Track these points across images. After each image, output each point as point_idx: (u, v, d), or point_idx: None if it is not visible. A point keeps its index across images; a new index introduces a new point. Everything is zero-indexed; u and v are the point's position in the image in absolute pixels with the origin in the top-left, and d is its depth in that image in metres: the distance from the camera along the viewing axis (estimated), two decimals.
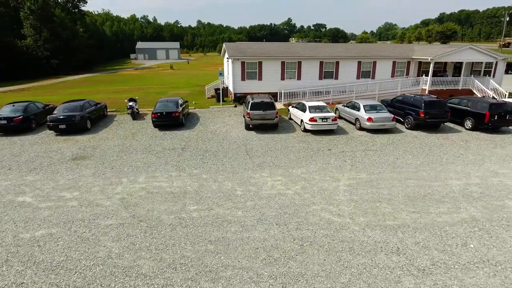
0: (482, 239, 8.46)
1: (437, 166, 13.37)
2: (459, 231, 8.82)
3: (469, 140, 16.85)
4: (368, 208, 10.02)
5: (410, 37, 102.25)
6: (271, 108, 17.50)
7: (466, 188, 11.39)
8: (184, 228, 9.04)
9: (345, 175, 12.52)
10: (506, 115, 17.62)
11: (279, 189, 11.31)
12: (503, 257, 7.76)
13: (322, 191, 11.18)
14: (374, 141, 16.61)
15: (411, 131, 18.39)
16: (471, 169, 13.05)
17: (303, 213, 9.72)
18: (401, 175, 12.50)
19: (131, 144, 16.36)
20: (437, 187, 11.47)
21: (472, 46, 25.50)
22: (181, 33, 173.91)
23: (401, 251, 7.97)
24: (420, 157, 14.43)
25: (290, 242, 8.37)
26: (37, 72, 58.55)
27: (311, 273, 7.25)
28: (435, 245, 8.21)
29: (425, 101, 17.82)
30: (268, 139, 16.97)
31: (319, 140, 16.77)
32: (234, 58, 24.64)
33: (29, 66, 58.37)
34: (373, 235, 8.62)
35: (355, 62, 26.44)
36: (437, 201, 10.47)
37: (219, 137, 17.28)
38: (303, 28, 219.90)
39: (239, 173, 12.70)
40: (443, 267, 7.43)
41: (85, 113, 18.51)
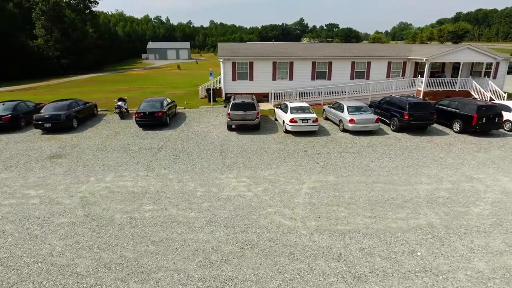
0: (432, 247, 8.15)
1: (411, 170, 12.98)
2: (410, 238, 8.52)
3: (454, 143, 16.31)
4: (323, 212, 9.81)
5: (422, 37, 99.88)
6: (252, 108, 17.39)
7: (434, 193, 11.01)
8: (132, 228, 9.06)
9: (312, 177, 12.30)
10: (495, 117, 16.99)
11: (240, 191, 11.21)
12: (448, 267, 7.45)
13: (283, 193, 11.01)
14: (354, 143, 16.28)
15: (396, 133, 17.95)
16: (445, 174, 12.62)
17: (255, 216, 9.60)
18: (370, 178, 12.20)
19: (110, 143, 16.55)
20: (403, 191, 11.13)
21: (469, 46, 24.70)
22: (193, 33, 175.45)
23: (342, 257, 7.76)
24: (397, 160, 14.06)
25: (232, 245, 8.27)
26: (47, 72, 60.15)
27: (242, 277, 7.13)
28: (380, 252, 7.95)
29: (409, 103, 17.35)
30: (247, 139, 16.87)
31: (298, 142, 16.56)
32: (224, 58, 24.65)
33: (40, 66, 60.02)
34: (319, 240, 8.43)
35: (349, 63, 26.02)
36: (398, 206, 10.16)
37: (198, 137, 17.30)
38: (316, 28, 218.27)
39: (206, 174, 12.66)
40: (381, 275, 7.19)
41: (71, 112, 18.84)
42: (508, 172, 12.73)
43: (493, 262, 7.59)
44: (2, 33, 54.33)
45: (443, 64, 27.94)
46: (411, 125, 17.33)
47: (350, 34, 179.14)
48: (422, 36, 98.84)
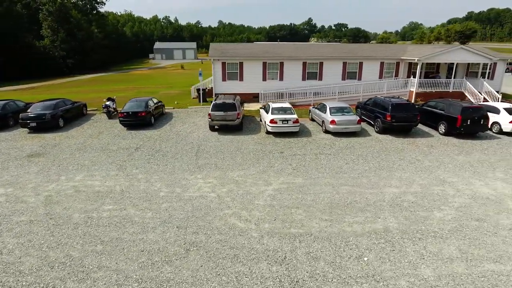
0: (382, 252, 7.97)
1: (384, 172, 12.75)
2: (362, 243, 8.36)
3: (436, 145, 15.97)
4: (280, 214, 9.70)
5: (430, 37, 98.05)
6: (232, 109, 17.35)
7: (400, 196, 10.79)
8: (86, 228, 9.12)
9: (280, 179, 12.19)
10: (481, 119, 16.57)
11: (203, 192, 11.18)
12: (392, 273, 7.28)
13: (246, 195, 10.94)
14: (333, 145, 16.09)
15: (379, 135, 17.67)
16: (418, 177, 12.35)
17: (210, 217, 9.55)
18: (339, 180, 12.03)
19: (91, 142, 16.72)
20: (369, 194, 10.94)
21: (463, 46, 24.17)
22: (201, 33, 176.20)
23: (286, 261, 7.65)
24: (372, 162, 13.83)
25: (179, 246, 8.24)
26: (53, 72, 61.22)
27: (178, 279, 7.10)
28: (326, 256, 7.81)
29: (392, 104, 17.06)
30: (226, 140, 16.84)
31: (277, 143, 16.44)
32: (214, 59, 24.68)
33: (46, 66, 61.13)
34: (267, 243, 8.33)
35: (340, 63, 25.74)
36: (358, 209, 9.98)
37: (179, 138, 17.34)
38: (324, 28, 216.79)
39: (175, 174, 12.67)
40: (320, 280, 7.06)
41: (57, 111, 19.11)
42: (483, 176, 12.39)
43: (440, 269, 7.39)
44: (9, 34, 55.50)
45: (438, 64, 27.42)
46: (393, 127, 17.04)
47: (359, 34, 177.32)
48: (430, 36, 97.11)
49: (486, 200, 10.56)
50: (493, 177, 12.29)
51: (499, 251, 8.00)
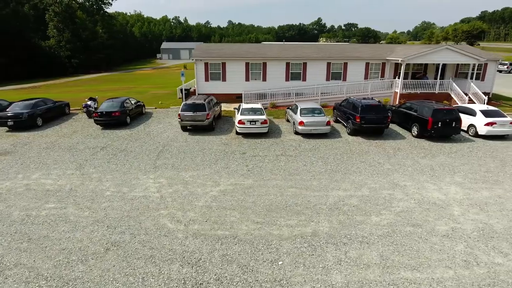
0: (300, 257, 7.86)
1: (339, 175, 12.57)
2: (284, 246, 8.26)
3: (403, 148, 15.64)
4: (214, 216, 9.68)
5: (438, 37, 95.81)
6: (202, 109, 17.38)
7: (344, 200, 10.62)
8: (20, 225, 9.29)
9: (231, 180, 12.16)
10: (452, 122, 16.15)
11: (149, 192, 11.24)
12: (301, 278, 7.17)
13: (190, 195, 10.95)
14: (299, 146, 15.94)
15: (350, 136, 17.43)
16: (372, 180, 12.13)
17: (144, 217, 9.60)
18: (289, 182, 11.91)
19: (62, 141, 17.01)
20: (313, 197, 10.80)
21: (449, 46, 23.58)
22: (209, 33, 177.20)
23: (199, 263, 7.63)
24: (331, 164, 13.64)
25: (100, 245, 8.32)
26: (58, 71, 62.65)
27: (87, 278, 7.16)
28: (241, 259, 7.75)
29: (362, 105, 16.79)
30: (194, 140, 16.89)
31: (243, 143, 16.40)
32: (196, 59, 24.77)
33: (51, 65, 62.62)
34: (188, 244, 8.33)
35: (324, 64, 25.48)
36: (295, 212, 9.87)
37: (148, 137, 17.48)
38: (334, 28, 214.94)
39: (129, 174, 12.78)
40: (225, 283, 7.02)
41: (35, 111, 19.50)
42: (440, 180, 12.08)
43: (352, 275, 7.24)
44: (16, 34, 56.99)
45: (426, 65, 26.82)
46: (362, 128, 16.76)
47: (368, 33, 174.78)
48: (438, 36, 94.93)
49: (432, 205, 10.30)
50: (450, 182, 11.98)
51: (422, 258, 7.79)
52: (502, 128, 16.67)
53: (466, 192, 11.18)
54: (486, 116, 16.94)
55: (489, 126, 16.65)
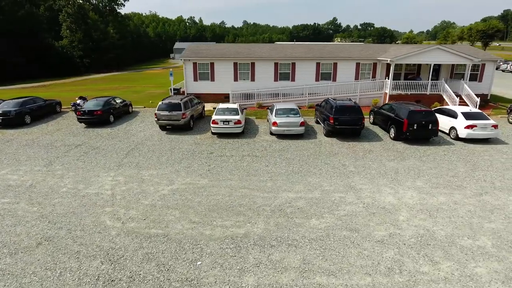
0: (221, 258, 7.84)
1: (297, 177, 12.43)
2: (210, 247, 8.26)
3: (375, 150, 15.30)
4: (155, 214, 9.77)
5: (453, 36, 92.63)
6: (177, 109, 17.55)
7: (290, 202, 10.50)
8: None
9: (187, 179, 12.24)
10: (429, 124, 15.66)
11: (102, 189, 11.46)
12: (213, 279, 7.16)
13: (140, 194, 11.10)
14: (269, 147, 15.86)
15: (325, 137, 17.19)
16: (328, 182, 11.94)
17: (87, 214, 9.80)
18: (243, 183, 11.88)
19: (43, 139, 17.55)
20: (261, 198, 10.73)
21: (440, 46, 22.85)
22: (223, 33, 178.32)
23: (120, 260, 7.73)
24: (294, 166, 13.50)
25: (35, 239, 8.56)
26: (71, 71, 64.49)
27: (9, 270, 7.39)
28: (162, 258, 7.81)
29: (336, 106, 16.53)
30: (168, 139, 17.08)
31: (216, 143, 16.46)
32: (185, 59, 25.02)
33: (64, 65, 64.56)
34: (118, 242, 8.45)
35: (313, 64, 25.21)
36: (236, 213, 9.84)
37: (125, 136, 17.79)
38: (349, 27, 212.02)
39: (92, 171, 13.06)
40: (136, 281, 7.09)
41: (24, 109, 20.20)
42: (399, 184, 11.76)
43: (265, 278, 7.17)
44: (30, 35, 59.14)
45: (419, 66, 26.09)
46: (336, 130, 16.50)
47: (384, 33, 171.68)
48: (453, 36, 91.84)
49: (380, 209, 10.04)
50: (410, 186, 11.64)
51: (345, 264, 7.62)
52: (483, 132, 16.04)
53: (421, 197, 10.84)
54: (467, 118, 16.35)
55: (470, 129, 16.05)
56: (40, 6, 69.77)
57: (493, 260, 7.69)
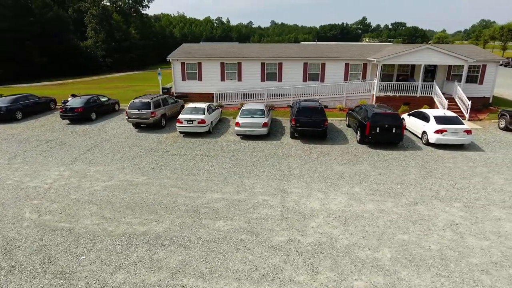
0: (106, 254, 7.97)
1: (235, 178, 12.32)
2: (104, 242, 8.42)
3: (332, 153, 14.81)
4: (74, 208, 10.10)
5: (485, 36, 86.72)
6: (147, 108, 17.94)
7: (211, 203, 10.45)
8: None
9: (127, 176, 12.51)
10: (392, 128, 14.92)
11: (44, 183, 11.99)
12: (85, 274, 7.31)
13: (74, 188, 11.50)
14: (227, 147, 15.82)
15: (291, 139, 16.87)
16: (263, 184, 11.73)
17: (14, 206, 10.31)
18: (177, 182, 11.97)
19: (23, 134, 18.60)
20: (184, 197, 10.77)
21: (430, 46, 21.61)
22: (249, 33, 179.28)
23: (13, 251, 8.08)
24: (238, 167, 13.39)
25: None
26: (94, 70, 67.78)
27: None
28: (52, 251, 8.07)
29: (298, 108, 16.18)
30: (135, 137, 17.51)
31: (178, 142, 16.66)
32: (172, 59, 25.49)
33: (88, 64, 67.93)
34: (24, 233, 8.83)
35: (301, 64, 24.77)
36: (150, 211, 9.95)
37: (98, 133, 18.45)
38: (379, 27, 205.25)
39: (45, 166, 13.69)
40: (16, 271, 7.38)
41: (16, 105, 21.53)
42: (336, 189, 11.33)
43: (134, 277, 7.21)
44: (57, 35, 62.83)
45: (413, 67, 24.83)
46: (297, 131, 16.15)
47: (416, 33, 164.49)
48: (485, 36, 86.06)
49: (297, 214, 9.74)
50: (345, 191, 11.18)
51: (222, 268, 7.49)
52: (454, 137, 15.02)
53: (349, 203, 10.37)
54: (438, 122, 15.39)
55: (439, 133, 15.10)
56: (69, 8, 73.83)
57: (380, 274, 7.23)
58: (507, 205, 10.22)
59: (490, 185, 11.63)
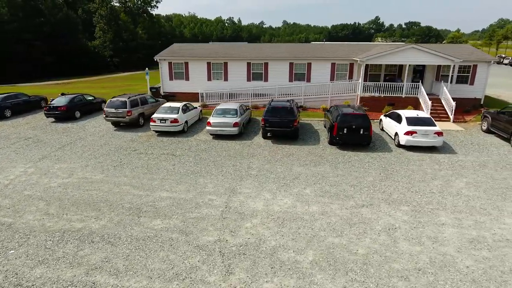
0: (35, 249, 8.13)
1: (191, 177, 12.37)
2: (38, 237, 8.61)
3: (298, 154, 14.66)
4: (23, 204, 10.35)
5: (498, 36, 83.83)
6: (123, 107, 18.20)
7: (155, 202, 10.52)
8: None
9: (86, 174, 12.72)
10: (360, 129, 14.66)
11: (4, 179, 12.32)
12: (7, 268, 7.48)
13: (32, 185, 11.77)
14: (196, 146, 15.89)
15: (262, 140, 16.79)
16: (215, 184, 11.73)
17: None
18: (132, 180, 12.11)
19: (6, 131, 19.13)
20: (133, 196, 10.88)
21: (414, 45, 21.09)
22: (259, 33, 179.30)
23: None
24: (198, 166, 13.44)
25: None
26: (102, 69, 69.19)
27: None
28: None
29: (268, 108, 16.10)
30: (110, 136, 17.78)
31: (151, 141, 16.83)
32: (160, 59, 25.78)
33: (96, 63, 69.43)
34: None
35: (286, 64, 24.62)
36: (93, 208, 10.11)
37: (76, 131, 18.82)
38: (393, 26, 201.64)
39: (15, 162, 14.05)
40: None
41: (5, 103, 22.18)
42: (286, 190, 11.22)
43: (53, 273, 7.33)
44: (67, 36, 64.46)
45: (401, 67, 24.29)
46: (266, 131, 16.08)
47: (430, 33, 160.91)
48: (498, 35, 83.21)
49: (237, 215, 9.71)
50: (294, 192, 11.06)
51: (139, 266, 7.54)
52: (424, 139, 14.64)
53: (294, 205, 10.26)
54: (409, 124, 15.04)
55: (409, 135, 14.75)
56: (78, 8, 75.60)
57: (294, 277, 7.13)
58: (457, 210, 9.91)
59: (448, 189, 11.28)
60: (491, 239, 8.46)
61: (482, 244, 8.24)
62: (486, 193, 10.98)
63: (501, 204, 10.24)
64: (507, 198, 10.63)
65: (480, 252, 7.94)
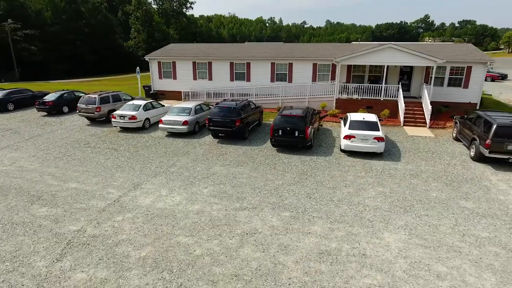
0: None
1: (109, 171, 12.96)
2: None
3: (230, 153, 14.62)
4: None
5: None
6: (93, 103, 19.42)
7: (57, 191, 11.23)
8: None
9: (21, 163, 13.88)
10: (294, 131, 14.24)
11: None
12: None
13: None
14: (144, 143, 16.51)
15: (213, 139, 16.95)
16: (125, 178, 12.19)
17: None
18: (55, 170, 12.99)
19: None
20: (42, 184, 11.72)
21: (392, 45, 19.72)
22: (299, 33, 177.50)
23: None
24: (127, 162, 14.00)
25: None
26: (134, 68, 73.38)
27: None
28: None
29: (213, 107, 16.20)
30: (78, 130, 19.04)
31: (109, 136, 17.77)
32: (150, 58, 26.96)
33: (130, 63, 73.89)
34: None
35: (268, 64, 24.40)
36: (1, 193, 11.04)
37: (54, 124, 20.42)
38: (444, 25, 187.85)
39: None
40: None
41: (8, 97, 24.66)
42: (187, 189, 11.34)
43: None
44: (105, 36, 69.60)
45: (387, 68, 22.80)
46: (210, 131, 16.21)
47: (484, 32, 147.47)
48: None
49: (118, 207, 10.06)
50: (192, 191, 11.16)
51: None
52: (363, 144, 13.81)
53: (180, 202, 10.37)
54: (350, 128, 14.28)
55: (347, 139, 14.01)
56: (118, 11, 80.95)
57: (110, 270, 7.29)
58: (339, 220, 9.30)
59: (352, 198, 10.60)
60: (345, 253, 7.88)
61: (330, 257, 7.72)
62: (390, 205, 10.15)
63: (395, 217, 9.43)
64: (408, 211, 9.75)
65: (319, 265, 7.45)
